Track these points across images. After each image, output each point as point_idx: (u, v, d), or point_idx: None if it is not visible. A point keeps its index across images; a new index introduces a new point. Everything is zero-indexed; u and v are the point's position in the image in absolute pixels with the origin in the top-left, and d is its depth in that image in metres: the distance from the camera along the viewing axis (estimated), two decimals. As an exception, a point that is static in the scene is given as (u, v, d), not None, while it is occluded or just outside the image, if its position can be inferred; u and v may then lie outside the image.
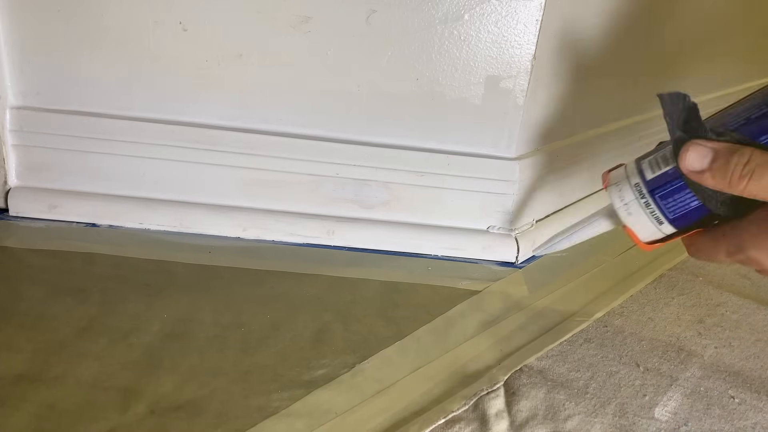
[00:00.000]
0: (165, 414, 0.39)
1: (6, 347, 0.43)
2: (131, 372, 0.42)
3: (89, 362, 0.43)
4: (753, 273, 0.60)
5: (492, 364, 0.46)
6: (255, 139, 0.57)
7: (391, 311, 0.51)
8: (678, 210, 0.37)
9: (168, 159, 0.57)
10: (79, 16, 0.53)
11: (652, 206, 0.38)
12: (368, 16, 0.52)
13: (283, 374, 0.43)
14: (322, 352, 0.46)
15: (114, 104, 0.56)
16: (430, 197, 0.59)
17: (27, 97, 0.56)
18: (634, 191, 0.39)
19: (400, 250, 0.59)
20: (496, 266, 0.59)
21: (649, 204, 0.38)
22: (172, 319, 0.47)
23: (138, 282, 0.51)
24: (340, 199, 0.59)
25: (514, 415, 0.42)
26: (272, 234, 0.59)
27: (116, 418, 0.39)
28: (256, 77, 0.55)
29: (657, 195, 0.37)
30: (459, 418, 0.41)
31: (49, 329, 0.45)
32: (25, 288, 0.49)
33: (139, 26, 0.53)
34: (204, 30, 0.53)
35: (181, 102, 0.56)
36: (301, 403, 0.41)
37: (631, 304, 0.55)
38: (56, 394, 0.40)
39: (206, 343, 0.46)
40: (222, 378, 0.43)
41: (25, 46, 0.54)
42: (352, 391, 0.43)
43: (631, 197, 0.39)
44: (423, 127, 0.57)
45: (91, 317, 0.47)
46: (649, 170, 0.38)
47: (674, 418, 0.43)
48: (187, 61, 0.54)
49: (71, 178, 0.58)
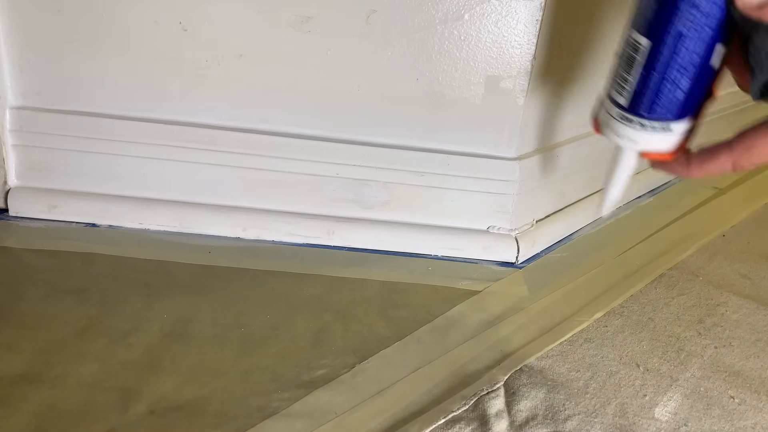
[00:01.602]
0: (165, 414, 0.39)
1: (6, 347, 0.43)
2: (131, 372, 0.42)
3: (89, 362, 0.43)
4: (753, 273, 0.60)
5: (492, 364, 0.46)
6: (255, 139, 0.57)
7: (391, 311, 0.51)
8: (672, 106, 0.34)
9: (168, 159, 0.57)
10: (79, 16, 0.53)
11: (647, 122, 0.35)
12: (368, 16, 0.52)
13: (283, 374, 0.43)
14: (322, 352, 0.46)
15: (114, 104, 0.56)
16: (430, 197, 0.59)
17: (27, 97, 0.56)
18: (622, 123, 0.36)
19: (400, 250, 0.59)
20: (496, 266, 0.59)
21: (643, 123, 0.35)
22: (171, 319, 0.47)
23: (138, 282, 0.51)
24: (340, 199, 0.59)
25: (514, 415, 0.42)
26: (272, 234, 0.59)
27: (116, 418, 0.39)
28: (256, 77, 0.55)
29: (641, 111, 0.35)
30: (459, 418, 0.41)
31: (49, 329, 0.45)
32: (25, 288, 0.49)
33: (139, 26, 0.53)
34: (204, 30, 0.53)
35: (181, 102, 0.56)
36: (301, 404, 0.41)
37: (631, 304, 0.55)
38: (56, 394, 0.40)
39: (206, 343, 0.46)
40: (222, 378, 0.43)
41: (25, 46, 0.54)
42: (352, 391, 0.43)
43: (625, 129, 0.36)
44: (423, 127, 0.57)
45: (91, 317, 0.47)
46: (619, 95, 0.36)
47: (674, 418, 0.43)
48: (187, 61, 0.54)
49: (71, 178, 0.58)
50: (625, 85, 0.35)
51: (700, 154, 0.35)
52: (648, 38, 0.33)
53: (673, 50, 0.33)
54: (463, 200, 0.59)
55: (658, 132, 0.35)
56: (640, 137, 0.36)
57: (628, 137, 0.36)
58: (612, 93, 0.37)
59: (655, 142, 0.36)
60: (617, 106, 0.36)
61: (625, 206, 0.72)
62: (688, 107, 0.35)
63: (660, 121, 0.35)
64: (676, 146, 0.36)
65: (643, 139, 0.36)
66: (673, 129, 0.35)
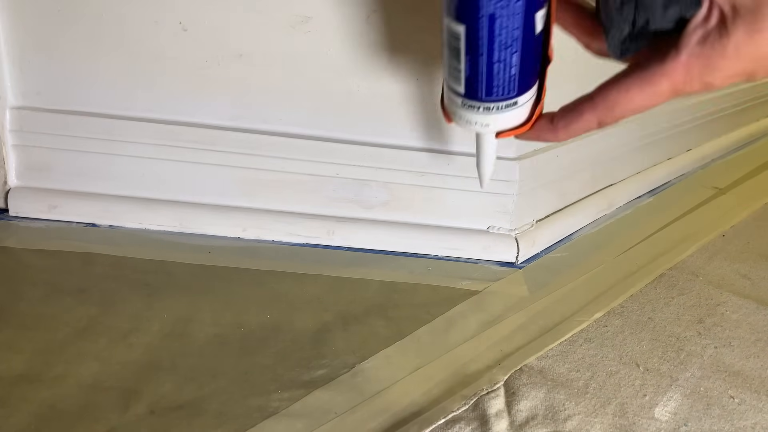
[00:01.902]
0: (165, 414, 0.39)
1: (6, 347, 0.43)
2: (131, 372, 0.42)
3: (89, 362, 0.43)
4: (753, 273, 0.60)
5: (492, 364, 0.46)
6: (255, 139, 0.57)
7: (391, 311, 0.51)
8: (510, 84, 0.34)
9: (168, 159, 0.57)
10: (79, 16, 0.53)
11: (490, 104, 0.34)
12: (368, 16, 0.52)
13: (282, 374, 0.43)
14: (322, 353, 0.46)
15: (114, 104, 0.56)
16: (431, 197, 0.59)
17: (27, 97, 0.56)
18: (468, 110, 0.36)
19: (400, 250, 0.59)
20: (496, 266, 0.59)
21: (488, 105, 0.35)
22: (171, 319, 0.47)
23: (138, 282, 0.51)
24: (340, 199, 0.59)
25: (514, 415, 0.42)
26: (272, 234, 0.59)
27: (116, 418, 0.39)
28: (256, 77, 0.55)
29: (481, 96, 0.34)
30: (459, 418, 0.41)
31: (49, 329, 0.45)
32: (25, 288, 0.49)
33: (139, 26, 0.53)
34: (204, 30, 0.53)
35: (181, 102, 0.56)
36: (301, 404, 0.41)
37: (631, 304, 0.55)
38: (56, 394, 0.40)
39: (206, 343, 0.46)
40: (222, 378, 0.43)
41: (25, 46, 0.54)
42: (352, 391, 0.43)
43: (473, 116, 0.35)
44: (423, 127, 0.57)
45: (91, 317, 0.47)
46: (456, 84, 0.35)
47: (674, 418, 0.43)
48: (187, 61, 0.54)
49: (71, 179, 0.58)
50: (458, 74, 0.34)
51: (564, 115, 0.34)
52: (464, 24, 0.32)
53: (490, 32, 0.32)
54: (463, 200, 0.59)
55: (505, 110, 0.35)
56: (490, 119, 0.35)
57: (479, 122, 0.36)
58: (450, 83, 0.36)
59: (507, 119, 0.35)
60: (457, 95, 0.36)
61: (624, 206, 0.72)
62: (526, 79, 0.34)
63: (503, 100, 0.34)
64: (529, 116, 0.36)
65: (494, 120, 0.35)
66: (519, 102, 0.35)
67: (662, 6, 0.28)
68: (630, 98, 0.30)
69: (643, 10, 0.28)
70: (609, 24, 0.30)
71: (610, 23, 0.30)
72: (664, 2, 0.28)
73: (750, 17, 0.25)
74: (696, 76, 0.27)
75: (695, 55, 0.27)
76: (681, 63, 0.27)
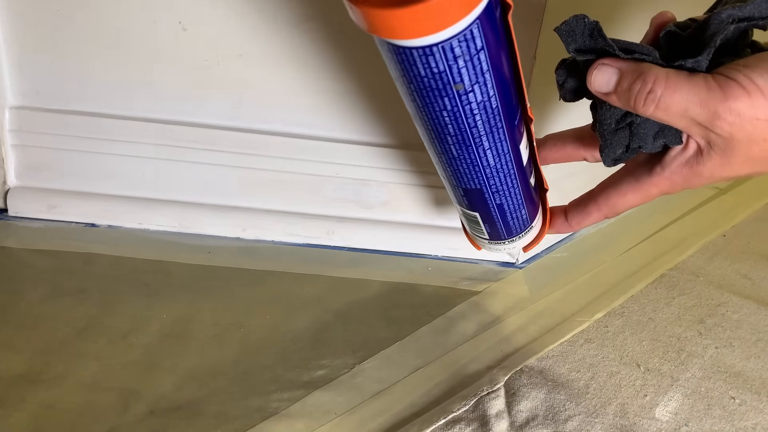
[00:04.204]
0: (165, 414, 0.39)
1: (6, 347, 0.43)
2: (131, 372, 0.42)
3: (89, 362, 0.43)
4: (754, 273, 0.60)
5: (492, 364, 0.46)
6: (255, 139, 0.57)
7: (391, 311, 0.51)
8: (523, 223, 0.39)
9: (167, 159, 0.57)
10: (78, 16, 0.53)
11: (514, 238, 0.40)
12: (368, 15, 0.52)
13: (282, 375, 0.43)
14: (322, 353, 0.46)
15: (114, 104, 0.56)
16: (430, 197, 0.59)
17: (27, 97, 0.56)
18: (496, 246, 0.41)
19: (400, 250, 0.59)
20: (496, 266, 0.59)
21: (511, 240, 0.40)
22: (171, 319, 0.47)
23: (137, 282, 0.51)
24: (340, 199, 0.59)
25: (514, 415, 0.42)
26: (272, 234, 0.58)
27: (116, 418, 0.39)
28: (256, 77, 0.55)
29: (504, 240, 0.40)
30: (459, 418, 0.41)
31: (48, 329, 0.45)
32: (24, 288, 0.49)
33: (139, 26, 0.53)
34: (204, 30, 0.53)
35: (181, 102, 0.56)
36: (301, 404, 0.41)
37: (632, 304, 0.54)
38: (56, 394, 0.40)
39: (206, 343, 0.46)
40: (222, 378, 0.43)
41: (24, 45, 0.54)
42: (352, 392, 0.43)
43: (500, 248, 0.41)
44: (423, 127, 0.57)
45: (91, 317, 0.47)
46: (480, 237, 0.41)
47: (675, 419, 0.43)
48: (187, 60, 0.54)
49: (71, 178, 0.58)
50: (481, 234, 0.40)
51: (575, 215, 0.40)
52: (478, 212, 0.37)
53: (501, 212, 0.37)
54: (464, 200, 0.59)
55: (525, 236, 0.40)
56: (514, 246, 0.41)
57: (505, 249, 0.42)
58: (472, 232, 0.41)
59: (527, 239, 0.41)
60: (483, 239, 0.41)
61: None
62: (533, 209, 0.39)
63: (521, 232, 0.40)
64: (542, 225, 0.41)
65: (518, 244, 0.41)
66: (533, 226, 0.40)
67: (652, 137, 0.33)
68: (627, 200, 0.36)
69: (637, 138, 0.33)
70: (604, 144, 0.34)
71: (605, 143, 0.34)
72: (654, 135, 0.33)
73: (721, 152, 0.30)
74: (678, 185, 0.34)
75: (677, 173, 0.33)
76: (665, 177, 0.34)
